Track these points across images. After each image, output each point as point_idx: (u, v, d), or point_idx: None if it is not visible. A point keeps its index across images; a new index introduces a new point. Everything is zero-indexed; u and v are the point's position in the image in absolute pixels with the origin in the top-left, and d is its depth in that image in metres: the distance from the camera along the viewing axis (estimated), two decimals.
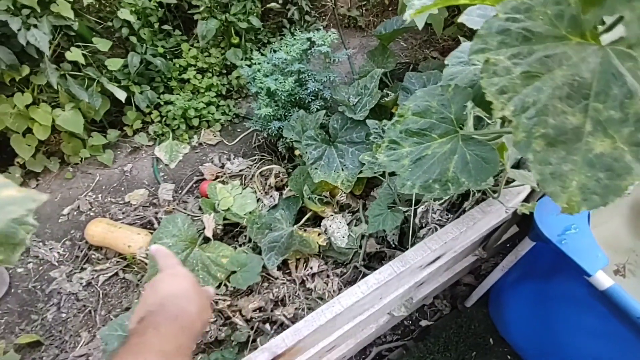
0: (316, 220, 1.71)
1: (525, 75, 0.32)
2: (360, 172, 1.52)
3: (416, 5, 0.41)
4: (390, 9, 2.71)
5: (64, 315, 1.59)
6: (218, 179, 1.92)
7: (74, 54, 1.58)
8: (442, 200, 1.07)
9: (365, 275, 1.18)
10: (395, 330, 1.50)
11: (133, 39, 1.79)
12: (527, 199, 0.93)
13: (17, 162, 1.86)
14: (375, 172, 1.41)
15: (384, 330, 1.42)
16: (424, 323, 1.50)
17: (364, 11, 2.63)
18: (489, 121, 0.68)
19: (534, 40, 0.32)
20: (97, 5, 1.80)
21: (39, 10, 1.46)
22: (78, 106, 1.73)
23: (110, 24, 1.78)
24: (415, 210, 1.24)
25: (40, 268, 1.70)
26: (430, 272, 1.08)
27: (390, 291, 0.87)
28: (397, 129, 0.58)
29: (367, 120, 1.54)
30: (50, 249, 1.74)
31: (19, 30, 1.42)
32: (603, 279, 0.84)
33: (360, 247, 1.58)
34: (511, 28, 0.33)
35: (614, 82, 0.30)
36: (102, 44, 1.71)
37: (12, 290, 1.64)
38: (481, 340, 1.43)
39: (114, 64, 1.76)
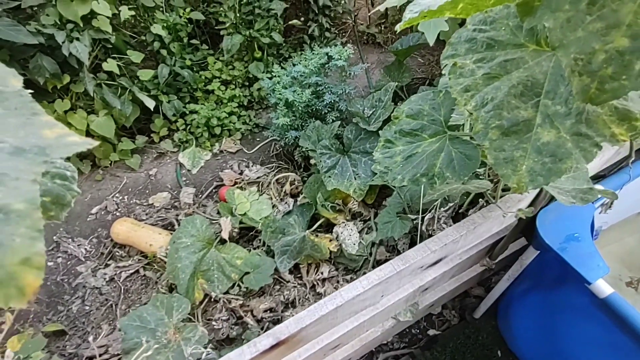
0: (328, 227, 1.76)
1: (486, 77, 0.37)
2: (372, 180, 1.57)
3: (406, 17, 0.47)
4: (409, 28, 2.78)
5: (87, 307, 1.68)
6: (236, 185, 2.01)
7: (110, 65, 1.71)
8: (447, 207, 1.11)
9: None
10: (403, 338, 1.51)
11: (163, 52, 1.93)
12: (531, 207, 0.96)
13: None
14: (385, 181, 1.46)
15: (391, 336, 1.44)
16: (431, 332, 1.51)
17: (382, 28, 2.71)
18: None
19: (496, 47, 0.38)
20: (132, 21, 1.95)
21: (81, 25, 1.61)
22: (111, 113, 1.86)
23: (143, 38, 1.93)
24: (422, 218, 1.28)
25: (69, 263, 1.81)
26: (434, 277, 1.11)
27: (392, 289, 0.91)
28: (392, 129, 0.63)
29: (380, 132, 1.60)
30: (78, 245, 1.85)
31: (63, 42, 1.57)
32: (603, 287, 0.85)
33: (371, 254, 1.61)
34: (477, 37, 0.38)
35: (562, 82, 0.35)
36: (135, 56, 1.84)
37: (42, 282, 1.75)
38: (488, 352, 1.43)
39: (145, 74, 1.89)
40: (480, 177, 0.88)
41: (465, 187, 0.80)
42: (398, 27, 0.49)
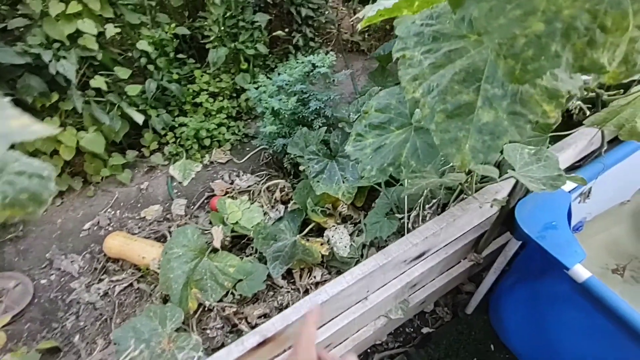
0: (319, 232, 1.78)
1: (432, 66, 0.41)
2: (359, 182, 1.60)
3: (366, 16, 0.50)
4: (391, 33, 2.85)
5: (82, 323, 1.68)
6: (227, 195, 2.03)
7: (98, 82, 1.74)
8: (431, 204, 1.13)
9: None
10: (397, 338, 1.53)
11: (150, 67, 1.96)
12: (506, 197, 0.99)
13: None
14: (371, 182, 1.49)
15: (384, 335, 1.45)
16: (425, 330, 1.53)
17: (366, 36, 2.78)
18: None
19: (441, 39, 0.41)
20: (118, 38, 1.99)
21: (67, 44, 1.64)
22: (100, 129, 1.88)
23: (130, 54, 1.96)
24: (409, 216, 1.31)
25: (62, 279, 1.81)
26: (421, 272, 1.13)
27: (377, 284, 0.93)
28: (362, 123, 0.67)
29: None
30: (71, 261, 1.86)
31: (50, 61, 1.60)
32: (581, 272, 0.88)
33: (362, 256, 1.63)
34: (424, 31, 0.41)
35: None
36: (123, 72, 1.88)
37: (36, 300, 1.75)
38: (482, 346, 1.45)
39: (133, 90, 1.92)
40: (457, 171, 0.91)
41: (441, 180, 0.83)
42: (359, 26, 0.52)
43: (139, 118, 1.93)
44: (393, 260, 0.85)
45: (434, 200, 1.16)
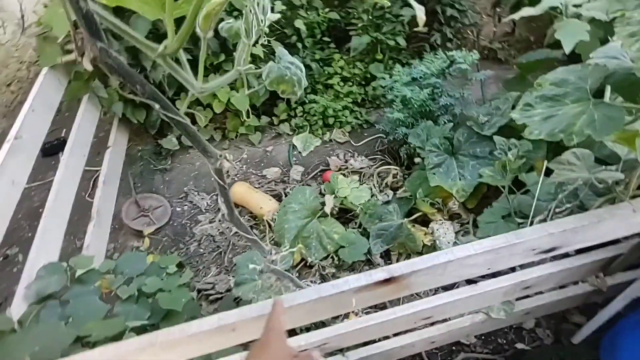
0: (424, 223, 1.80)
1: None
2: (480, 177, 1.57)
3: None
4: (534, 46, 2.70)
5: (201, 250, 1.97)
6: (340, 171, 2.16)
7: (258, 50, 2.01)
8: (563, 208, 1.09)
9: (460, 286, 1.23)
10: (487, 345, 1.49)
11: (299, 44, 2.19)
12: None
13: None
14: (496, 183, 1.46)
15: (479, 331, 1.43)
16: (519, 346, 1.46)
17: (506, 45, 2.68)
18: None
19: None
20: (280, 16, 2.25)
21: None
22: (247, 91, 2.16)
23: (285, 31, 2.21)
24: (531, 222, 1.27)
25: (192, 211, 2.14)
26: (539, 275, 1.10)
27: (500, 264, 0.94)
28: (532, 95, 0.69)
29: (494, 137, 1.61)
30: (201, 198, 2.18)
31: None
32: None
33: None
34: None
35: None
36: (275, 45, 2.12)
37: (171, 222, 2.09)
38: None
39: None
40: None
41: (594, 176, 0.81)
42: (531, 10, 0.55)
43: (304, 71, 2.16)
44: (524, 243, 0.86)
45: (568, 205, 1.11)
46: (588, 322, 1.35)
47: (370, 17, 2.16)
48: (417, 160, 1.98)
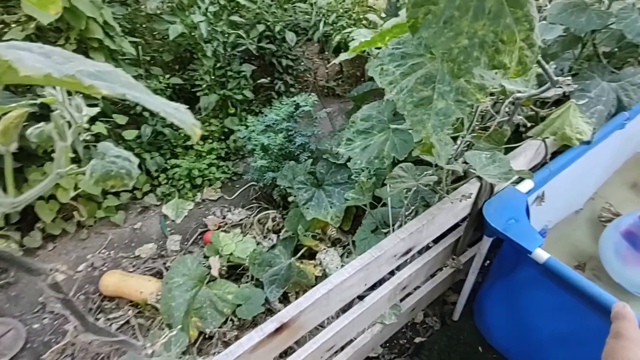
0: (311, 256, 1.89)
1: (402, 74, 0.59)
2: (347, 200, 1.74)
3: (351, 46, 0.68)
4: (362, 79, 3.17)
5: None
6: (220, 229, 2.12)
7: (98, 127, 1.88)
8: (409, 211, 1.30)
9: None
10: (392, 350, 1.61)
11: (146, 113, 2.12)
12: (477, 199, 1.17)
13: (38, 227, 2.05)
14: (359, 203, 1.64)
15: (381, 341, 1.53)
16: (417, 340, 1.62)
17: (340, 82, 3.08)
18: None
19: (407, 57, 0.60)
20: None
21: (73, 94, 1.79)
22: None
23: (127, 102, 2.12)
24: (393, 229, 1.46)
25: (55, 322, 1.81)
26: (409, 274, 1.26)
27: (373, 277, 1.05)
28: (350, 130, 0.84)
29: (347, 163, 1.82)
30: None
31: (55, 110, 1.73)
32: (541, 254, 1.05)
33: None
34: (395, 52, 0.60)
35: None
36: (120, 119, 2.03)
37: (28, 345, 1.73)
38: (471, 349, 1.55)
39: (129, 134, 2.07)
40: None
41: (419, 183, 1.00)
42: (346, 55, 0.71)
43: (134, 161, 2.04)
44: (385, 253, 0.99)
45: (412, 207, 1.32)
46: (459, 298, 1.60)
47: (212, 77, 2.25)
48: (290, 199, 2.09)
